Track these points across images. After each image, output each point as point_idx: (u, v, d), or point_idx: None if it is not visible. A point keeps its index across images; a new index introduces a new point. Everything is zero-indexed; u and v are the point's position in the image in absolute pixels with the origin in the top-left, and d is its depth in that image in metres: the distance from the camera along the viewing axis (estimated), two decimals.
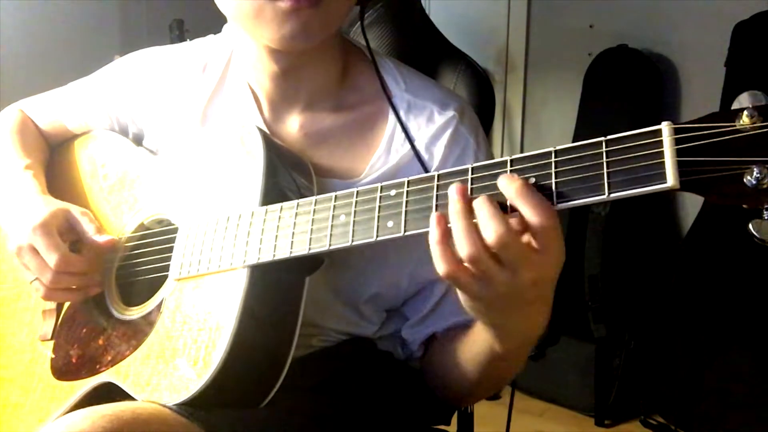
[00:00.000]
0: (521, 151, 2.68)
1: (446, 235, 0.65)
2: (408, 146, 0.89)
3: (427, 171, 0.88)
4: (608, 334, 2.18)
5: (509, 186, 0.64)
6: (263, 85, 0.93)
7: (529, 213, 0.62)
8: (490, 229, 0.63)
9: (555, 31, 2.59)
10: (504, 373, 0.87)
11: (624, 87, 2.35)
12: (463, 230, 0.64)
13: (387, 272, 0.90)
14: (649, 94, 2.34)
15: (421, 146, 0.89)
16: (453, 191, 0.66)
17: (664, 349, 2.09)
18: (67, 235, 0.91)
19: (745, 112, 0.55)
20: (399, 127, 0.90)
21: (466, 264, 0.65)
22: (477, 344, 0.82)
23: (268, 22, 0.82)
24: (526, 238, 0.64)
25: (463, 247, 0.64)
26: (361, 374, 0.93)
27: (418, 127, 0.90)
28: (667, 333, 2.10)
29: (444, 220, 0.65)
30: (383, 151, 0.90)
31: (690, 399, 2.03)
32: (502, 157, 0.68)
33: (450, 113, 0.90)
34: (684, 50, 2.35)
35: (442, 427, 1.05)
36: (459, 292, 0.69)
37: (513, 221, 0.64)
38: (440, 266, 0.66)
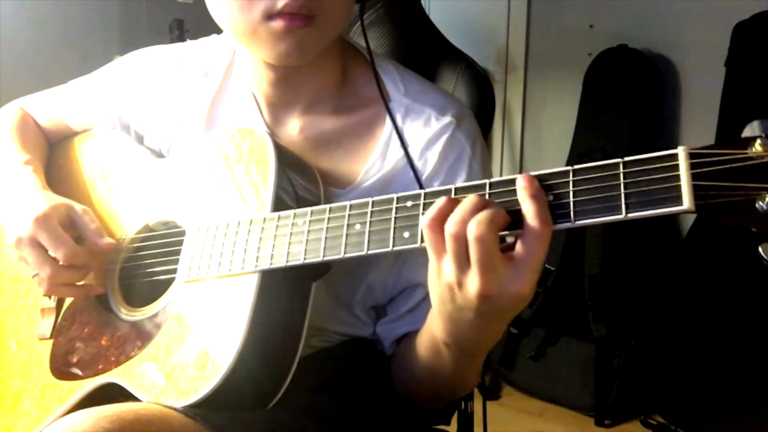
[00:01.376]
0: (521, 151, 2.69)
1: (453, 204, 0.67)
2: (402, 152, 0.89)
3: (419, 178, 0.88)
4: (608, 334, 2.18)
5: (529, 185, 0.65)
6: (263, 90, 0.93)
7: (531, 215, 0.63)
8: (479, 207, 0.65)
9: (555, 31, 2.59)
10: (447, 373, 0.85)
11: (624, 87, 2.35)
12: (466, 207, 0.65)
13: (378, 270, 0.91)
14: (649, 94, 2.34)
15: (415, 152, 0.89)
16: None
17: (664, 349, 2.09)
18: (68, 230, 0.90)
19: (759, 141, 0.58)
20: (395, 133, 0.90)
21: (446, 235, 0.65)
22: (423, 335, 0.83)
23: (262, 41, 0.83)
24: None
25: (451, 223, 0.65)
26: (362, 374, 0.93)
27: (414, 133, 0.90)
28: (667, 333, 2.10)
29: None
30: (379, 156, 0.90)
31: (690, 399, 2.03)
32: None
33: (447, 119, 0.90)
34: (684, 50, 2.35)
35: (442, 427, 1.05)
36: (429, 271, 0.70)
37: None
38: (426, 217, 0.67)
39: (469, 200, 0.66)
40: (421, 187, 0.84)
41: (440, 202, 0.67)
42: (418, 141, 0.89)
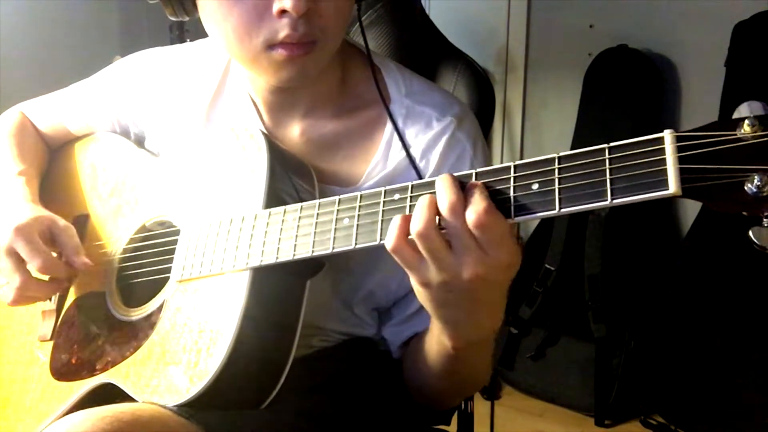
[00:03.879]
0: (521, 151, 2.69)
1: (408, 217, 0.67)
2: (404, 153, 0.89)
3: (421, 178, 0.87)
4: (608, 334, 2.18)
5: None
6: (261, 96, 0.93)
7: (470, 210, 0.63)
8: (444, 197, 0.65)
9: (555, 31, 2.59)
10: (463, 375, 0.86)
11: (624, 87, 2.35)
12: (422, 204, 0.66)
13: (379, 274, 0.91)
14: (649, 94, 2.34)
15: (417, 153, 0.89)
16: None
17: (664, 349, 2.09)
18: (47, 244, 0.90)
19: (746, 121, 0.56)
20: (396, 134, 0.90)
21: (415, 238, 0.65)
22: (431, 342, 0.82)
23: (264, 68, 0.83)
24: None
25: (416, 222, 0.65)
26: (361, 374, 0.93)
27: (416, 134, 0.90)
28: (667, 333, 2.10)
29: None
30: (381, 158, 0.90)
31: (690, 399, 2.03)
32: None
33: (448, 119, 0.90)
34: (684, 50, 2.35)
35: (442, 427, 1.05)
36: (410, 278, 0.69)
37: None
38: (389, 241, 0.67)
39: (421, 205, 0.66)
40: None
41: (396, 223, 0.67)
42: (419, 142, 0.89)
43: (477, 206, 0.63)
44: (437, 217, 0.65)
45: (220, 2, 0.80)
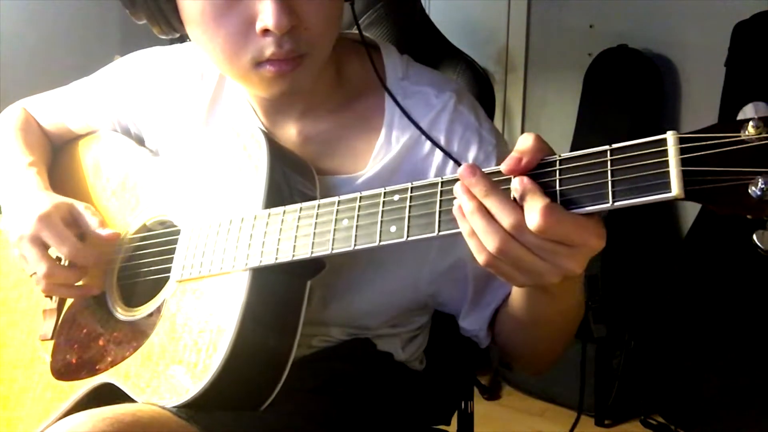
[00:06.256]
0: None
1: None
2: (408, 132, 0.88)
3: (440, 147, 0.86)
4: (608, 334, 2.18)
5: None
6: (257, 98, 0.92)
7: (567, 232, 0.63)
8: (506, 217, 0.63)
9: (555, 31, 2.60)
10: (565, 311, 0.84)
11: (624, 87, 2.36)
12: (483, 228, 0.64)
13: (387, 286, 0.89)
14: (649, 94, 2.34)
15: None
16: (459, 191, 0.65)
17: (664, 349, 2.09)
18: (70, 227, 0.91)
19: (751, 123, 0.55)
20: (396, 115, 0.89)
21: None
22: (521, 303, 0.82)
23: (255, 84, 0.83)
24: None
25: (489, 243, 0.64)
26: (361, 375, 0.93)
27: (417, 113, 0.89)
28: (667, 333, 2.10)
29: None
30: (384, 141, 0.89)
31: (690, 399, 2.03)
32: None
33: (447, 95, 0.89)
34: (684, 50, 2.35)
35: (442, 427, 1.05)
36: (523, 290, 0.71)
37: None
38: (479, 257, 0.66)
39: (471, 213, 0.64)
40: (448, 155, 0.85)
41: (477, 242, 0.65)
42: (422, 121, 0.88)
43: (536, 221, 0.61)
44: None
45: (206, 26, 0.79)
